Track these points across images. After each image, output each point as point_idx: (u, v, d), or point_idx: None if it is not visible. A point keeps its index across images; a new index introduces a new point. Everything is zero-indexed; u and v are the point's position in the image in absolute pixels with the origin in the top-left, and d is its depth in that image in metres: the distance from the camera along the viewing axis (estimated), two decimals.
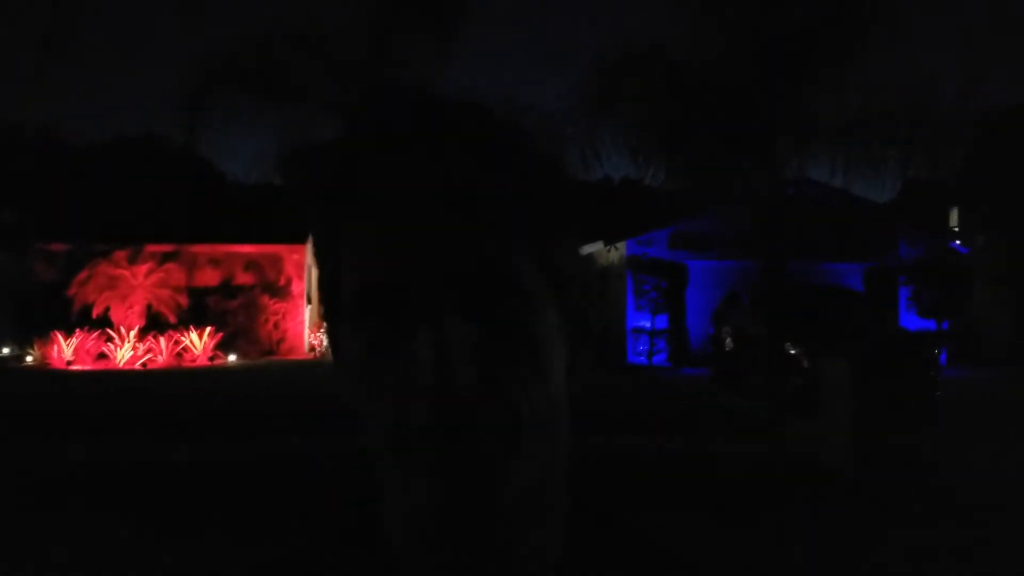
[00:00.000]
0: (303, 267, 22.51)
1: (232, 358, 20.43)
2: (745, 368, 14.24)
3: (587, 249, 21.36)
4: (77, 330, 19.39)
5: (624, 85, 10.67)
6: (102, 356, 19.47)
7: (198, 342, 20.14)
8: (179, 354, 20.04)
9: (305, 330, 22.34)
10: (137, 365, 19.25)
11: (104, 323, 19.85)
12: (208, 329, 20.38)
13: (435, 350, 0.52)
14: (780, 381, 10.18)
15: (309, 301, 22.87)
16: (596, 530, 0.65)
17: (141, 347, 19.58)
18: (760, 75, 9.98)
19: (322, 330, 21.76)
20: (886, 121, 10.46)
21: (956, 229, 26.32)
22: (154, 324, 20.27)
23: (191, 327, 20.31)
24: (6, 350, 20.84)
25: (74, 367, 18.87)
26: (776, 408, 9.35)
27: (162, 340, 19.80)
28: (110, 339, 19.55)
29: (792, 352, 11.98)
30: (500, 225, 0.56)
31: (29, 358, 19.63)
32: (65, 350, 19.15)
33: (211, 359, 20.15)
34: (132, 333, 19.72)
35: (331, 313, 0.62)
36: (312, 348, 21.93)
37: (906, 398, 10.69)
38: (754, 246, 13.09)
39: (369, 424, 0.57)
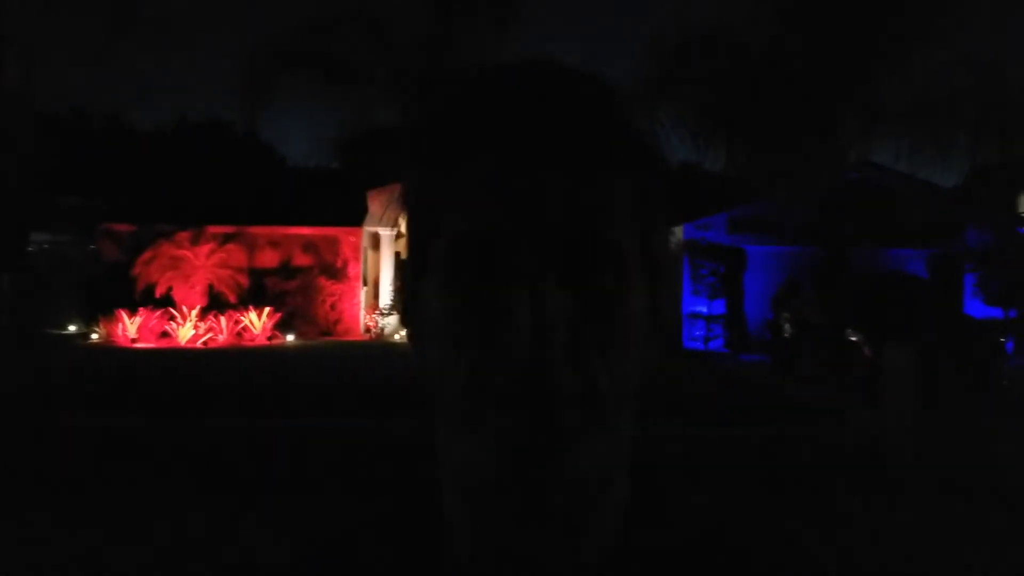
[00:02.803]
0: (359, 250, 22.72)
1: (290, 338, 20.74)
2: (805, 355, 14.05)
3: None
4: (141, 309, 19.82)
5: (684, 68, 10.55)
6: (165, 334, 19.89)
7: (257, 322, 20.47)
8: (239, 333, 20.39)
9: (361, 312, 22.57)
10: (198, 344, 19.64)
11: (167, 302, 20.27)
12: (267, 309, 20.70)
13: (533, 316, 0.52)
14: (841, 368, 10.03)
15: (365, 283, 23.09)
16: (654, 514, 0.63)
17: (202, 326, 19.97)
18: (823, 58, 9.77)
19: (377, 312, 21.99)
20: (953, 104, 10.19)
21: None
22: (215, 304, 20.65)
23: (250, 307, 20.65)
24: (72, 327, 21.42)
25: (138, 344, 19.32)
26: (837, 395, 9.21)
27: (222, 319, 20.16)
28: (172, 318, 19.98)
29: (853, 339, 11.78)
30: (607, 198, 0.56)
31: (94, 335, 20.13)
32: (129, 328, 19.60)
33: (269, 339, 20.46)
34: (194, 312, 20.13)
35: (416, 270, 0.61)
36: (368, 329, 22.14)
37: (971, 387, 10.46)
38: (815, 231, 12.90)
39: (444, 388, 0.57)
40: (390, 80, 10.36)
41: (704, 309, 19.59)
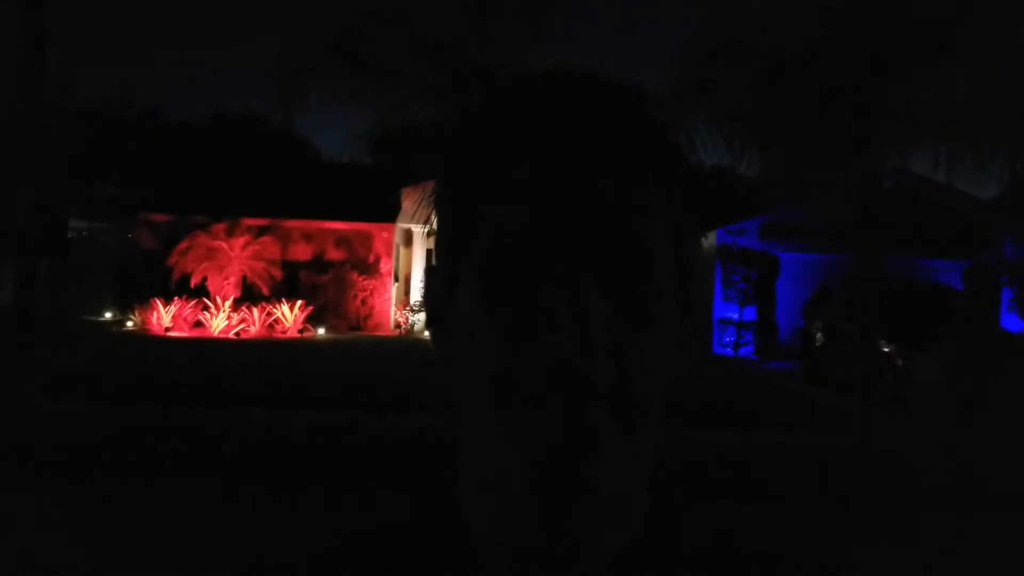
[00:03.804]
0: (392, 245, 22.84)
1: (321, 331, 20.89)
2: (835, 363, 13.93)
3: None
4: (175, 298, 20.08)
5: (719, 72, 10.46)
6: (198, 324, 20.14)
7: (289, 314, 20.66)
8: (271, 325, 20.59)
9: (392, 307, 22.68)
10: (231, 334, 19.85)
11: (201, 292, 20.51)
12: (299, 302, 20.88)
13: (572, 315, 0.53)
14: (871, 378, 9.92)
15: (396, 279, 23.20)
16: (671, 520, 0.64)
17: (235, 317, 20.19)
18: (860, 64, 9.67)
19: (408, 308, 22.09)
20: (994, 112, 10.03)
21: None
22: (248, 295, 20.87)
23: (283, 299, 20.84)
24: (108, 314, 21.74)
25: (172, 333, 19.58)
26: (866, 405, 9.14)
27: (255, 311, 20.37)
28: (206, 308, 20.21)
29: (885, 349, 11.67)
30: (639, 204, 0.57)
31: (129, 323, 20.41)
32: (164, 317, 19.86)
33: (301, 331, 20.64)
34: (227, 303, 20.35)
35: (448, 267, 0.61)
36: (398, 325, 22.25)
37: (1004, 401, 10.30)
38: (849, 239, 12.74)
39: (474, 385, 0.57)
40: (424, 79, 10.39)
41: (735, 315, 19.47)
